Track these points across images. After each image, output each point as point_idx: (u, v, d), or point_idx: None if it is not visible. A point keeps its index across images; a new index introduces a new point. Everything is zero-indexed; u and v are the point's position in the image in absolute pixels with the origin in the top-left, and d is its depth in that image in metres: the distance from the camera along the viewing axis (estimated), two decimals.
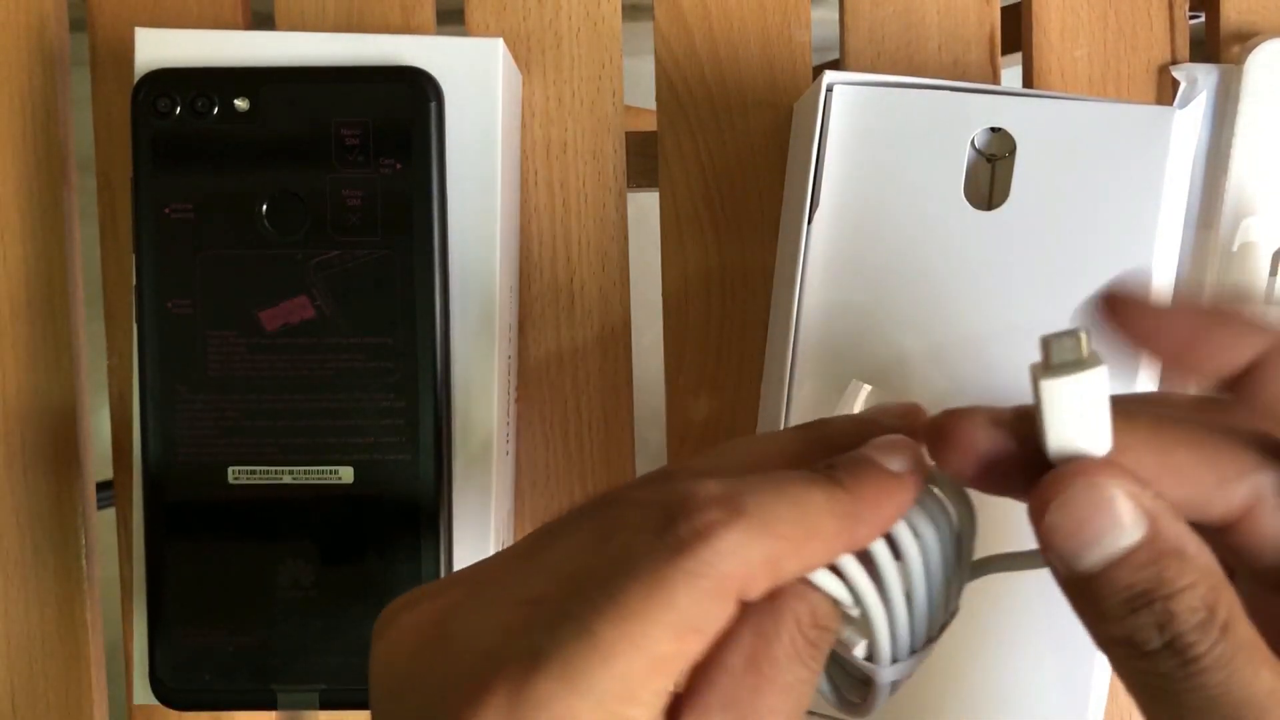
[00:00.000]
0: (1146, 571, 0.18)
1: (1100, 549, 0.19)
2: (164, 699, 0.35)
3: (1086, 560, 0.19)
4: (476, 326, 0.36)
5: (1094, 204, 0.34)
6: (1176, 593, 0.18)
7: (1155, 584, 0.18)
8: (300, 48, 0.35)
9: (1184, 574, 0.18)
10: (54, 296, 0.40)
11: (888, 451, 0.21)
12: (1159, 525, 0.19)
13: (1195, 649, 0.18)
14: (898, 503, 0.20)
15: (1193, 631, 0.18)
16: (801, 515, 0.19)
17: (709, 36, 0.40)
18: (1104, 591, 0.19)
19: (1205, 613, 0.18)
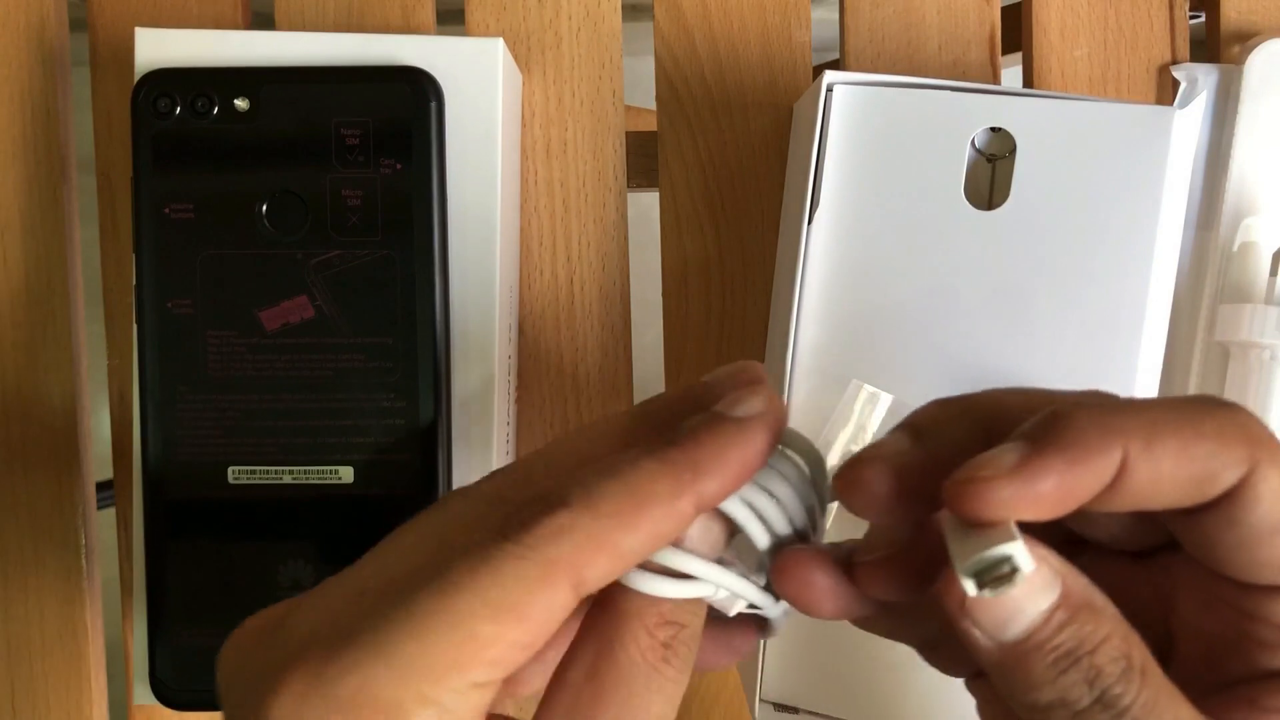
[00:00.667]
0: (1068, 630, 0.18)
1: (1023, 616, 0.19)
2: (164, 699, 0.35)
3: (1012, 630, 0.19)
4: (477, 327, 0.36)
5: (1094, 204, 0.34)
6: (1098, 646, 0.18)
7: (1078, 641, 0.18)
8: (300, 48, 0.35)
9: (1100, 627, 0.18)
10: (54, 296, 0.40)
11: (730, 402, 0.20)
12: (1068, 583, 0.19)
13: (1123, 700, 0.18)
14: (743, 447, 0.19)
15: (1118, 683, 0.18)
16: (627, 486, 0.19)
17: (709, 36, 0.40)
18: (1033, 658, 0.19)
19: (1125, 661, 0.18)
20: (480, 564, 0.18)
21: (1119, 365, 0.35)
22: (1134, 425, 0.18)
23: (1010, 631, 0.19)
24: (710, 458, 0.19)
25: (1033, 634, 0.19)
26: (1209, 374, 0.39)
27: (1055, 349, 0.35)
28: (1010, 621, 0.19)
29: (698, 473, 0.19)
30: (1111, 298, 0.35)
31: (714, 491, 0.19)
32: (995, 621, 0.19)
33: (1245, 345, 0.37)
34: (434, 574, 0.18)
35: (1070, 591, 0.19)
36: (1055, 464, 0.18)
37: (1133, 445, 0.18)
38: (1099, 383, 0.35)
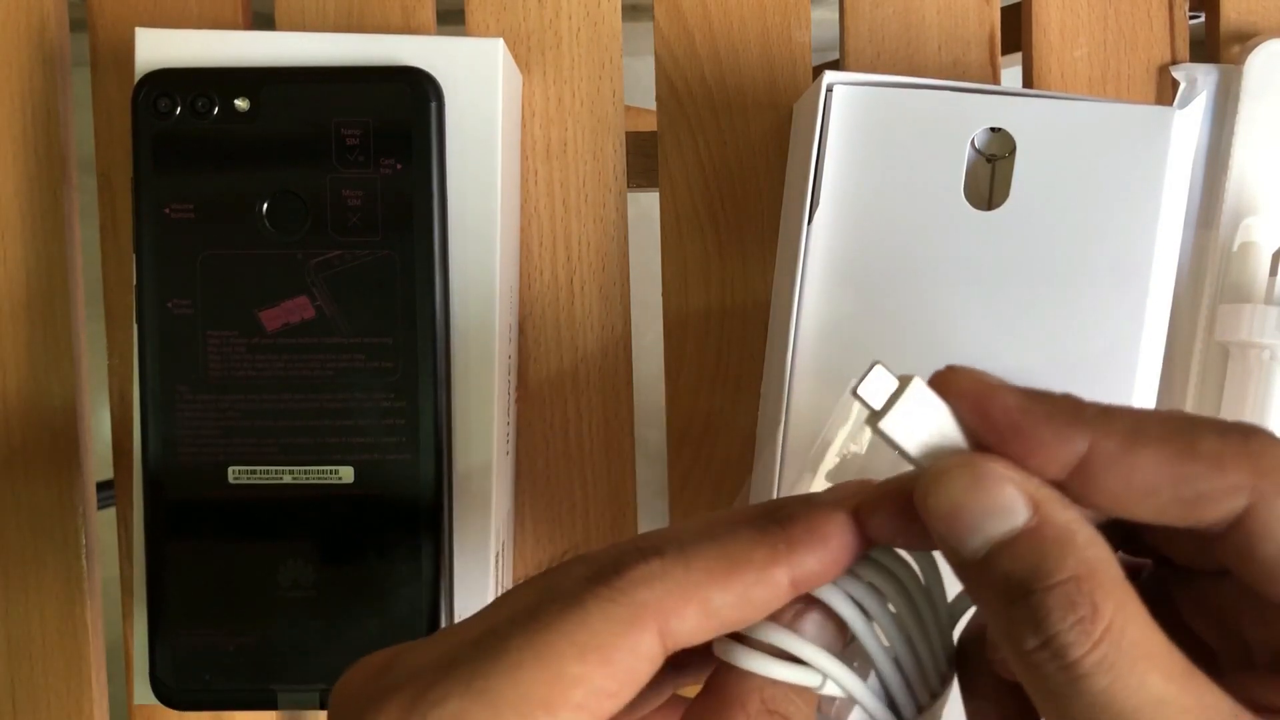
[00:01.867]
0: (1025, 560, 0.17)
1: (982, 533, 0.18)
2: (164, 699, 0.35)
3: (969, 545, 0.18)
4: (476, 326, 0.36)
5: (1094, 204, 0.34)
6: (1053, 585, 0.17)
7: (1031, 574, 0.17)
8: (300, 48, 0.35)
9: (1064, 566, 0.17)
10: (54, 296, 0.40)
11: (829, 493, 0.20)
12: (1044, 511, 0.18)
13: (1073, 650, 0.16)
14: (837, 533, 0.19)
15: (1070, 630, 0.17)
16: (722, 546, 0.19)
17: (709, 37, 0.40)
18: (984, 580, 0.18)
19: (1088, 609, 0.17)
20: (570, 606, 0.18)
21: (1119, 365, 0.35)
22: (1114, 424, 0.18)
23: (968, 548, 0.18)
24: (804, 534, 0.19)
25: (990, 556, 0.18)
26: (1209, 374, 0.39)
27: (1055, 349, 0.35)
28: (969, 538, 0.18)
29: (792, 546, 0.19)
30: (1111, 298, 0.35)
31: (811, 568, 0.19)
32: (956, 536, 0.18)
33: (1245, 345, 0.37)
34: (528, 617, 0.19)
35: (1044, 520, 0.18)
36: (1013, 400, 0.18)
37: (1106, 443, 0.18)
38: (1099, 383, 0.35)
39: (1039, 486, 0.18)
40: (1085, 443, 0.18)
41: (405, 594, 0.35)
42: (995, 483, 0.18)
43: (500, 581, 0.38)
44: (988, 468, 0.18)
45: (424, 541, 0.35)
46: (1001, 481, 0.18)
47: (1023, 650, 0.17)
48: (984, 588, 0.18)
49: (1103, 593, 0.17)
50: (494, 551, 0.37)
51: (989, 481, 0.18)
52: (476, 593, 0.36)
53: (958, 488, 0.18)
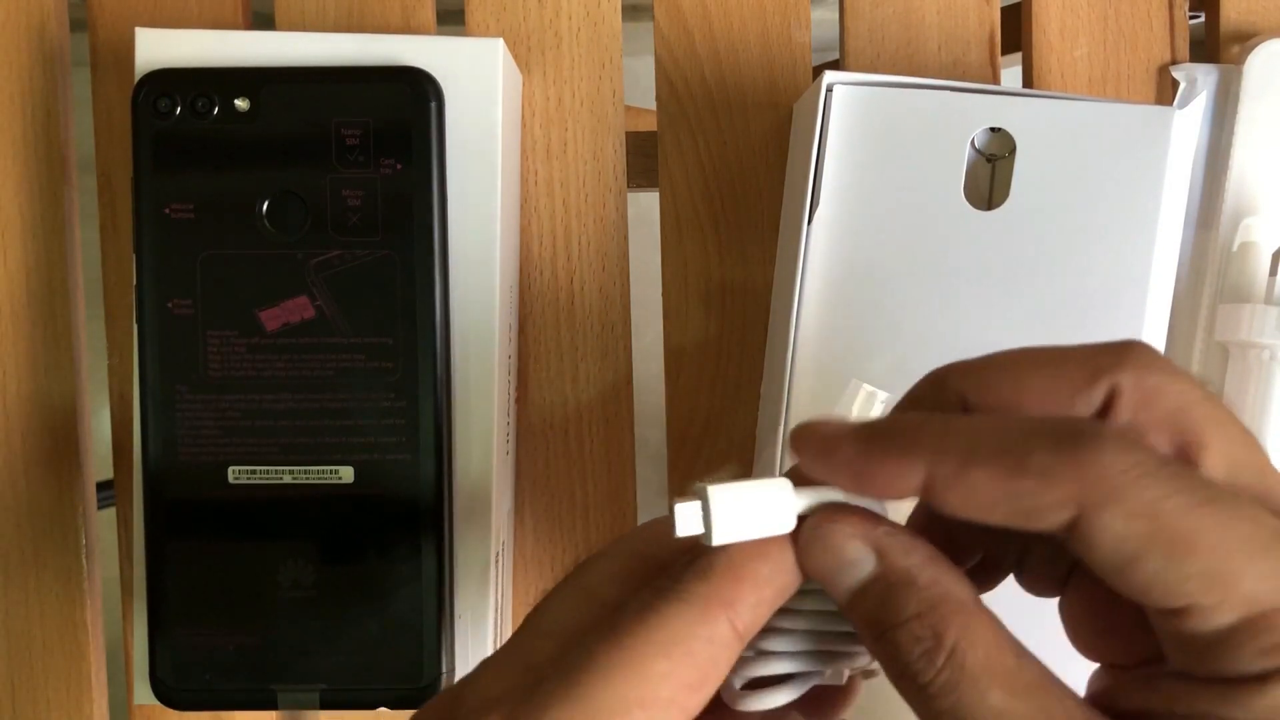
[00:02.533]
0: (875, 603, 0.20)
1: (843, 583, 0.20)
2: (164, 699, 0.35)
3: (838, 595, 0.20)
4: (477, 327, 0.36)
5: (1094, 204, 0.34)
6: (902, 623, 0.19)
7: (883, 615, 0.19)
8: (300, 48, 0.35)
9: (909, 604, 0.19)
10: (54, 296, 0.40)
11: None
12: (888, 559, 0.20)
13: (922, 676, 0.19)
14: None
15: (918, 660, 0.19)
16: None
17: (709, 37, 0.40)
18: (854, 621, 0.20)
19: (931, 641, 0.19)
20: (645, 610, 0.20)
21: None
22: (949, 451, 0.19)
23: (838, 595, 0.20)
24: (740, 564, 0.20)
25: (851, 602, 0.20)
26: (1209, 374, 0.39)
27: None
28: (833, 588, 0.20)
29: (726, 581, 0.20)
30: (1111, 298, 0.35)
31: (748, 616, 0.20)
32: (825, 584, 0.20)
33: (1245, 345, 0.37)
34: (605, 626, 0.20)
35: (888, 568, 0.20)
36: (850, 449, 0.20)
37: (941, 468, 0.19)
38: None
39: (885, 534, 0.20)
40: (921, 472, 0.19)
41: (405, 594, 0.35)
42: (839, 541, 0.20)
43: (500, 581, 0.38)
44: (829, 529, 0.20)
45: (424, 541, 0.35)
46: (845, 539, 0.20)
47: (892, 679, 0.19)
48: (857, 629, 0.20)
49: (943, 624, 0.19)
50: (494, 551, 0.37)
51: (833, 541, 0.20)
52: (476, 593, 0.36)
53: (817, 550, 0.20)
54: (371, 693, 0.35)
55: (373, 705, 0.35)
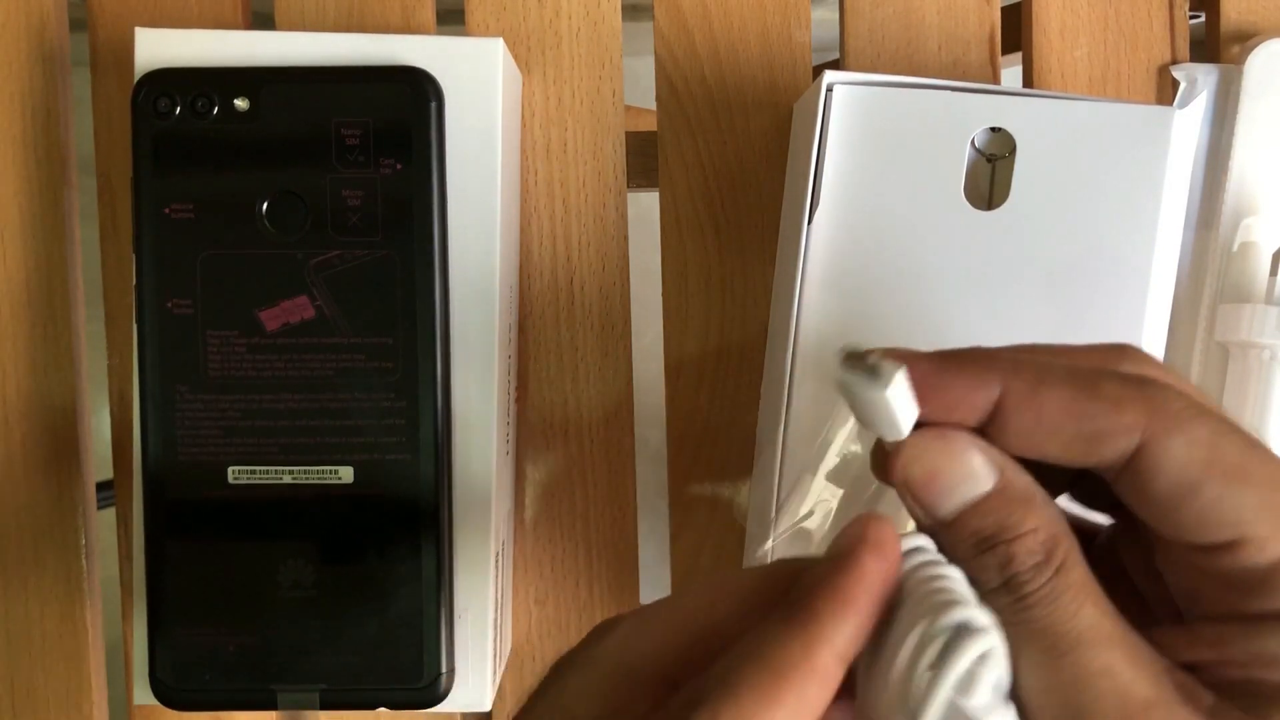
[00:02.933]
0: (994, 517, 0.20)
1: (956, 497, 0.20)
2: (164, 699, 0.35)
3: (944, 508, 0.20)
4: (476, 326, 0.36)
5: (1094, 204, 0.34)
6: (1019, 536, 0.20)
7: (1001, 528, 0.20)
8: (300, 48, 0.35)
9: (1028, 520, 0.20)
10: (54, 296, 0.40)
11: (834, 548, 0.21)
12: (1008, 476, 0.20)
13: (1027, 586, 0.19)
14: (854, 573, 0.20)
15: (1028, 571, 0.19)
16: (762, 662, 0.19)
17: (709, 36, 0.40)
18: (958, 535, 0.20)
19: (1042, 555, 0.19)
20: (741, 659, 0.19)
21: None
22: (1025, 368, 0.20)
23: (942, 510, 0.20)
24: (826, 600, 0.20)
25: (962, 516, 0.20)
26: (1209, 374, 0.39)
27: None
28: (944, 499, 0.20)
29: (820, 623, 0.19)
30: (1111, 298, 0.35)
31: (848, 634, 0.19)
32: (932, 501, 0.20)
33: (1245, 345, 0.37)
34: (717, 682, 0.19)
35: (1009, 484, 0.20)
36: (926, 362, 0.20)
37: (1016, 383, 0.20)
38: None
39: (1001, 453, 0.20)
40: (997, 388, 0.20)
41: (405, 594, 0.35)
42: (965, 451, 0.20)
43: (500, 581, 0.38)
44: (957, 438, 0.20)
45: (424, 541, 0.35)
46: (971, 449, 0.20)
47: (985, 591, 0.20)
48: (953, 541, 0.20)
49: (1054, 542, 0.20)
50: (494, 551, 0.37)
51: (960, 451, 0.20)
52: (477, 593, 0.36)
53: (937, 458, 0.20)
54: (371, 693, 0.35)
55: (373, 705, 0.35)
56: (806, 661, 0.19)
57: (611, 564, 0.41)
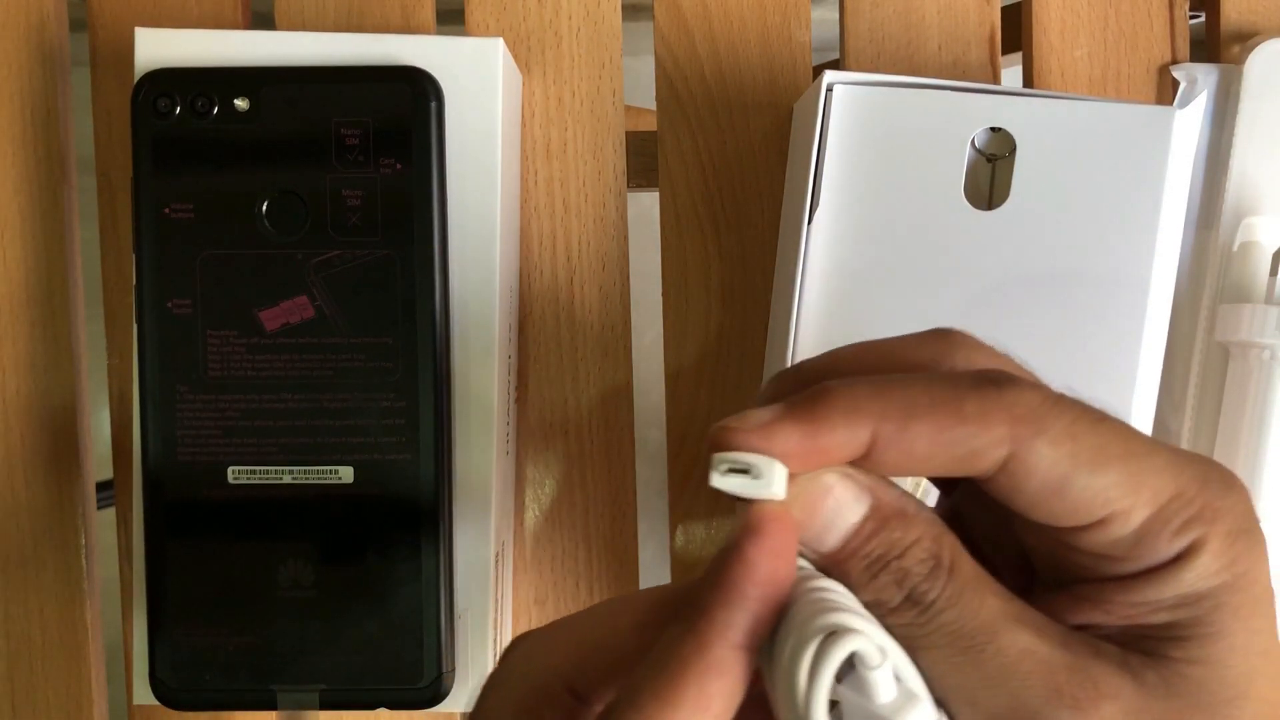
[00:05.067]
0: (878, 538, 0.20)
1: (835, 530, 0.21)
2: (164, 699, 0.35)
3: (828, 543, 0.21)
4: (476, 326, 0.36)
5: (1094, 204, 0.34)
6: (906, 550, 0.20)
7: (887, 548, 0.20)
8: (300, 47, 0.35)
9: (909, 532, 0.20)
10: (54, 296, 0.40)
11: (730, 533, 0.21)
12: (878, 496, 0.21)
13: (929, 595, 0.20)
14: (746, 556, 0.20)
15: (924, 580, 0.20)
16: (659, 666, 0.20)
17: (709, 36, 0.40)
18: (850, 565, 0.21)
19: (932, 561, 0.20)
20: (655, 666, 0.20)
21: (1119, 365, 0.35)
22: (890, 408, 0.20)
23: (827, 544, 0.21)
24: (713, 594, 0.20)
25: (847, 544, 0.21)
26: (1209, 374, 0.39)
27: (1056, 349, 0.35)
28: (825, 535, 0.21)
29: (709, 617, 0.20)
30: (1112, 298, 0.35)
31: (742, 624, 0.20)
32: (815, 538, 0.21)
33: (1245, 345, 0.37)
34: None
35: (881, 504, 0.21)
36: (794, 432, 0.20)
37: (885, 426, 0.20)
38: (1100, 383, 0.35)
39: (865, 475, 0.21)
40: (867, 434, 0.20)
41: (405, 594, 0.35)
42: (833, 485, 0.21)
43: (500, 581, 0.38)
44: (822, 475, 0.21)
45: (424, 541, 0.35)
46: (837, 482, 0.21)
47: (891, 609, 0.20)
48: (848, 571, 0.21)
49: (938, 544, 0.20)
50: (494, 551, 0.37)
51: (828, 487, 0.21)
52: (477, 593, 0.36)
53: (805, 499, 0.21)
54: (371, 693, 0.35)
55: (373, 705, 0.35)
56: (700, 659, 0.19)
57: (611, 564, 0.41)
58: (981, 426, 0.19)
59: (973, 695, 0.20)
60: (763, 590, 0.20)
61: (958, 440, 0.20)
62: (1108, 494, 0.19)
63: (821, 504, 0.21)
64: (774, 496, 0.20)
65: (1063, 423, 0.20)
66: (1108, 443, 0.20)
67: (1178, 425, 0.39)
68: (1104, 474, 0.19)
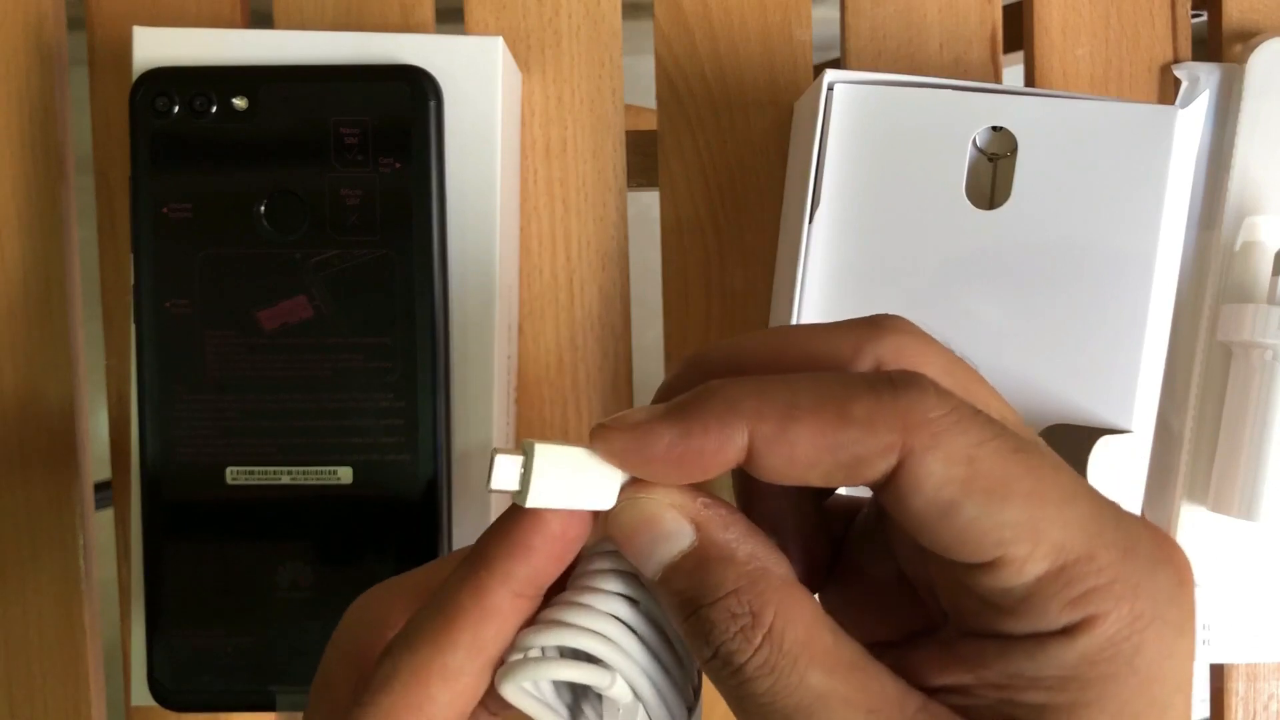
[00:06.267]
0: (690, 579, 0.18)
1: (655, 558, 0.19)
2: (162, 700, 0.35)
3: (647, 569, 0.19)
4: (476, 326, 0.36)
5: (1096, 203, 0.34)
6: (717, 600, 0.18)
7: (698, 591, 0.18)
8: (299, 46, 0.35)
9: (726, 581, 0.18)
10: (52, 296, 0.40)
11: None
12: (706, 532, 0.19)
13: (737, 658, 0.18)
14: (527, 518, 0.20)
15: (733, 640, 0.18)
16: (437, 606, 0.20)
17: (709, 35, 0.40)
18: (665, 600, 0.19)
19: (748, 619, 0.18)
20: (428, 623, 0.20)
21: (1121, 365, 0.35)
22: (769, 408, 0.18)
23: (647, 570, 0.19)
24: (496, 543, 0.19)
25: (664, 577, 0.19)
26: (1211, 374, 0.39)
27: (1057, 349, 0.34)
28: (644, 562, 0.19)
29: (489, 564, 0.19)
30: (1114, 297, 0.34)
31: (524, 573, 0.19)
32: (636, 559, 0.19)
33: (1247, 345, 0.37)
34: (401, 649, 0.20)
35: (706, 542, 0.19)
36: (666, 433, 0.18)
37: (763, 427, 0.18)
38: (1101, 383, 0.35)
39: (703, 508, 0.19)
40: (744, 436, 0.18)
41: None
42: (659, 509, 0.19)
43: None
44: (652, 495, 0.19)
45: (423, 542, 0.35)
46: (663, 509, 0.19)
47: (705, 660, 0.18)
48: (667, 607, 0.19)
49: (761, 601, 0.18)
50: None
51: (654, 509, 0.19)
52: None
53: (631, 520, 0.19)
54: None
55: None
56: (477, 604, 0.19)
57: None
58: (867, 431, 0.17)
59: None
60: (549, 545, 0.19)
61: (840, 445, 0.18)
62: (1000, 533, 0.17)
63: (642, 528, 0.19)
64: (545, 502, 0.19)
65: (964, 441, 0.17)
66: (1014, 476, 0.17)
67: (1179, 425, 0.39)
68: (999, 510, 0.17)
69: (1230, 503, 0.37)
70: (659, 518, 0.19)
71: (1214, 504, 0.38)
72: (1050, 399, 0.35)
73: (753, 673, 0.18)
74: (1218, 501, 0.38)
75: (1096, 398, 0.35)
